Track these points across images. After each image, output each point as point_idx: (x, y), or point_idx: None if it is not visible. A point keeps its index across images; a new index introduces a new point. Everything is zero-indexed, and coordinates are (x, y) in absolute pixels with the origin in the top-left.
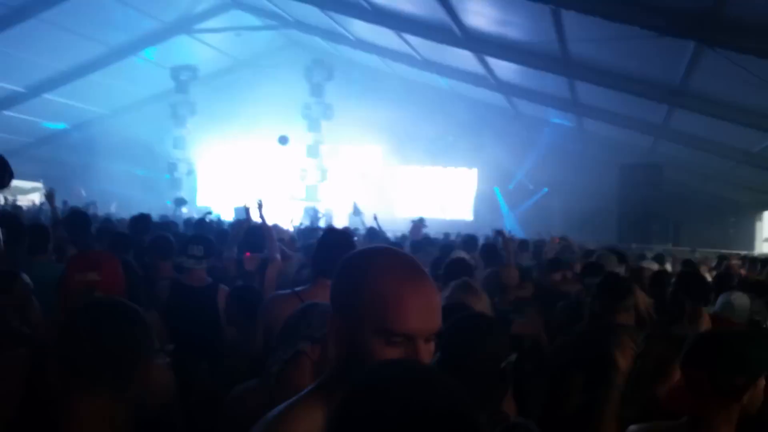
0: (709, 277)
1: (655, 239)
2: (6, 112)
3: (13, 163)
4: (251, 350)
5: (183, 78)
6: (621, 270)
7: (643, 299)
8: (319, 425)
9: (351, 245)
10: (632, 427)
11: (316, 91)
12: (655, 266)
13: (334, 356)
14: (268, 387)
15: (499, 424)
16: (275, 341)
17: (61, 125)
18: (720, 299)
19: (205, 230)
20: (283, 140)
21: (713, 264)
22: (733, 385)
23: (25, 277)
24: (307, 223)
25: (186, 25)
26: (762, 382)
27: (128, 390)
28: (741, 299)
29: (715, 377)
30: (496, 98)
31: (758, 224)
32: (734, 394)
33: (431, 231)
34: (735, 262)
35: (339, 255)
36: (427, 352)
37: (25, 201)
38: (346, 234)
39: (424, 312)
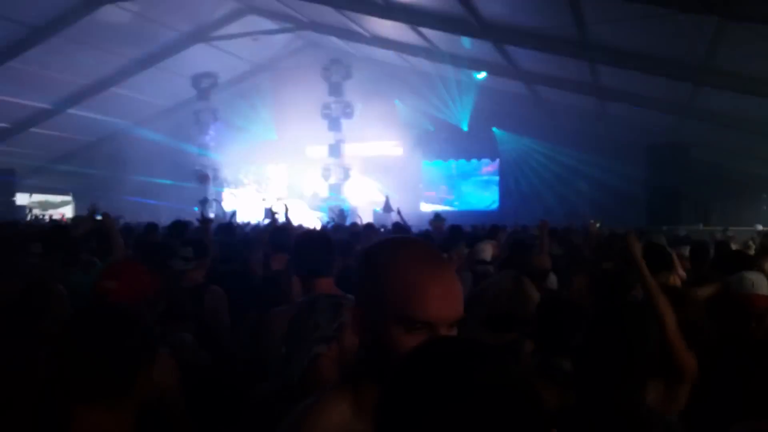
0: None
1: (685, 220)
2: (34, 129)
3: (43, 179)
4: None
5: (204, 86)
6: None
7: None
8: (347, 417)
9: (329, 245)
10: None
11: (335, 90)
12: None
13: (359, 347)
14: (293, 392)
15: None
16: (286, 348)
17: (87, 139)
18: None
19: (231, 234)
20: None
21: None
22: None
23: (61, 288)
24: (331, 221)
25: (203, 33)
26: None
27: (127, 399)
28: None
29: None
30: (517, 86)
31: None
32: None
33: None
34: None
35: (317, 257)
36: None
37: (55, 215)
38: (322, 234)
39: (444, 299)
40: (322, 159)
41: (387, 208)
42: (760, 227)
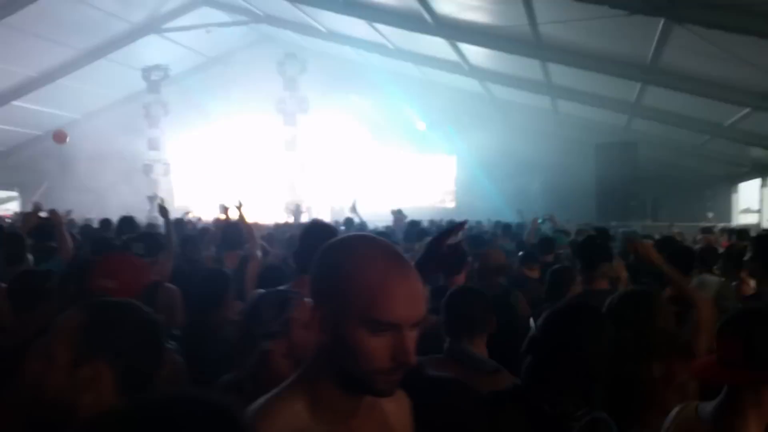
0: None
1: (633, 216)
2: None
3: None
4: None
5: (154, 78)
6: None
7: (620, 268)
8: (303, 417)
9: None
10: (675, 410)
11: (290, 85)
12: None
13: (316, 346)
14: (244, 389)
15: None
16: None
17: (33, 132)
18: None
19: (183, 230)
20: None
21: (698, 238)
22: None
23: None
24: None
25: (155, 24)
26: None
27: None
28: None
29: (751, 350)
30: (471, 84)
31: (734, 196)
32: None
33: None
34: (712, 236)
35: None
36: (412, 340)
37: (1, 211)
38: (329, 227)
39: (409, 300)
40: (278, 154)
41: (354, 209)
42: (711, 215)
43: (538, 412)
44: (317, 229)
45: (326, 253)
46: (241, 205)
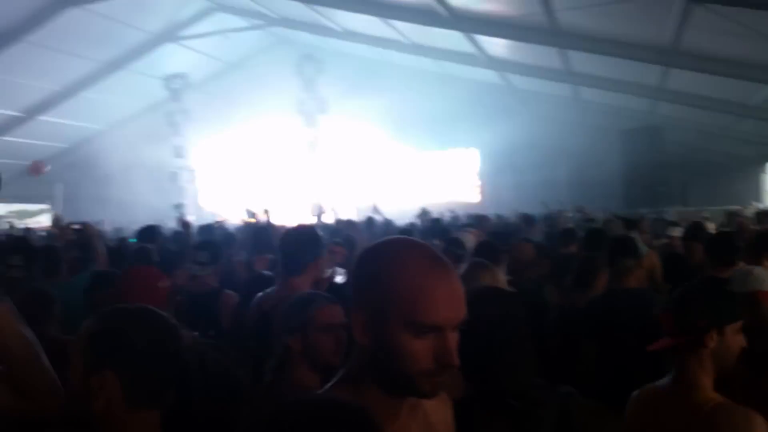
0: None
1: (662, 202)
2: (4, 138)
3: (18, 187)
4: None
5: (175, 86)
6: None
7: (652, 257)
8: None
9: (317, 240)
10: (635, 393)
11: (309, 86)
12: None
13: (357, 350)
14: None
15: (539, 394)
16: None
17: (59, 146)
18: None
19: (211, 235)
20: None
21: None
22: (695, 327)
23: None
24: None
25: (172, 33)
26: (735, 337)
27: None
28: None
29: (679, 318)
30: (490, 76)
31: (763, 177)
32: (698, 337)
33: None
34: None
35: (305, 252)
36: (455, 341)
37: (33, 223)
38: (309, 230)
39: (452, 301)
40: (300, 155)
41: (375, 211)
42: (755, 203)
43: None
44: (297, 232)
45: (366, 258)
46: (268, 210)
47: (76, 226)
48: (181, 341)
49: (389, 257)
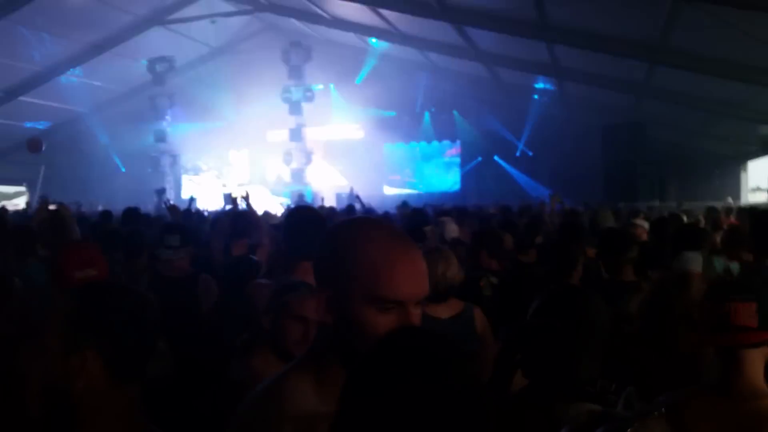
0: None
1: (641, 197)
2: None
3: None
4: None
5: (159, 70)
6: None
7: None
8: (309, 398)
9: (322, 221)
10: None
11: (295, 73)
12: (645, 224)
13: (321, 330)
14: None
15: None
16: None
17: (40, 126)
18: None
19: (190, 220)
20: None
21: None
22: None
23: (17, 282)
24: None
25: (159, 16)
26: None
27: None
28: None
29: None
30: (477, 68)
31: (743, 175)
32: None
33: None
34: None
35: (313, 233)
36: (417, 317)
37: (9, 205)
38: (313, 210)
39: (414, 277)
40: (283, 143)
41: (352, 197)
42: (729, 200)
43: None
44: (301, 213)
45: (330, 236)
46: (248, 195)
47: (51, 207)
48: (157, 313)
49: (352, 235)
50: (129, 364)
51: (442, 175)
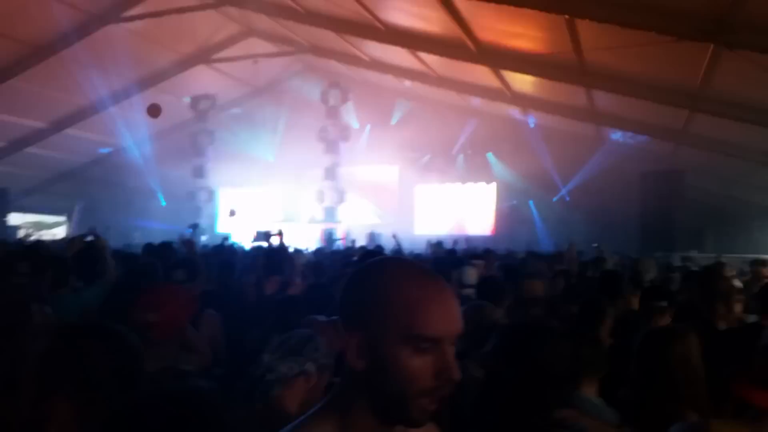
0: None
1: (678, 247)
2: (30, 150)
3: (38, 199)
4: None
5: (202, 107)
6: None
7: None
8: None
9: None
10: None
11: (333, 113)
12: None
13: (346, 376)
14: (257, 406)
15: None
16: (274, 355)
17: (82, 160)
18: None
19: (223, 255)
20: (232, 213)
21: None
22: None
23: (47, 309)
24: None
25: (204, 55)
26: None
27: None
28: None
29: None
30: (513, 111)
31: None
32: None
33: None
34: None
35: None
36: (452, 356)
37: (48, 235)
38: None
39: (449, 314)
40: (318, 181)
41: (373, 237)
42: None
43: None
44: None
45: (357, 278)
46: (281, 232)
47: (88, 239)
48: (138, 357)
49: (384, 274)
50: (103, 415)
51: (475, 217)
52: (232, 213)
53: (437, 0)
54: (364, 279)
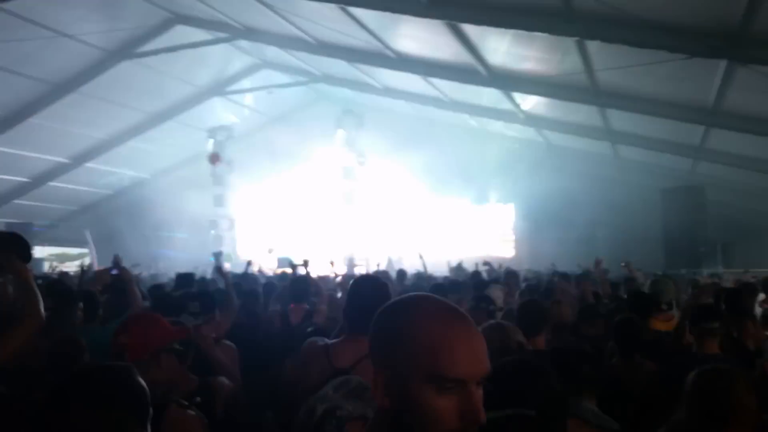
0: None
1: (704, 263)
2: (53, 183)
3: (61, 231)
4: None
5: (219, 138)
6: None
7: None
8: None
9: (386, 294)
10: None
11: (348, 140)
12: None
13: (376, 414)
14: None
15: None
16: (336, 393)
17: (103, 192)
18: None
19: (247, 282)
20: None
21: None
22: None
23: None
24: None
25: (219, 87)
26: None
27: None
28: None
29: None
30: (527, 132)
31: None
32: None
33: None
34: None
35: (374, 306)
36: (480, 397)
37: (71, 267)
38: (379, 282)
39: (474, 355)
40: (336, 207)
41: (390, 264)
42: None
43: None
44: (367, 284)
45: (386, 315)
46: (307, 262)
47: (114, 271)
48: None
49: (408, 313)
50: None
51: (493, 238)
52: (271, 251)
53: (446, 27)
54: (391, 317)
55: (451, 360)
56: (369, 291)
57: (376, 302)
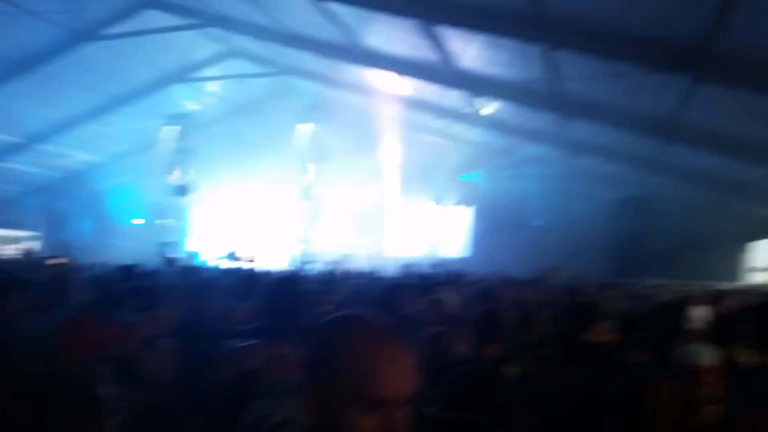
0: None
1: (647, 273)
2: (3, 164)
3: (11, 214)
4: None
5: (181, 125)
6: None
7: None
8: None
9: (298, 296)
10: None
11: (312, 134)
12: None
13: (306, 427)
14: None
15: None
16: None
17: (56, 174)
18: None
19: (194, 275)
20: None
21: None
22: None
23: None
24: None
25: (183, 73)
26: None
27: None
28: None
29: None
30: (491, 137)
31: (744, 255)
32: None
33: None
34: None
35: (287, 307)
36: (404, 417)
37: (15, 249)
38: (292, 283)
39: (400, 377)
40: (295, 201)
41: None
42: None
43: None
44: (282, 286)
45: (316, 336)
46: (253, 259)
47: (61, 260)
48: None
49: (339, 332)
50: None
51: (451, 239)
52: (232, 256)
53: (419, 27)
54: (321, 336)
55: (376, 381)
56: (282, 295)
57: (289, 307)
